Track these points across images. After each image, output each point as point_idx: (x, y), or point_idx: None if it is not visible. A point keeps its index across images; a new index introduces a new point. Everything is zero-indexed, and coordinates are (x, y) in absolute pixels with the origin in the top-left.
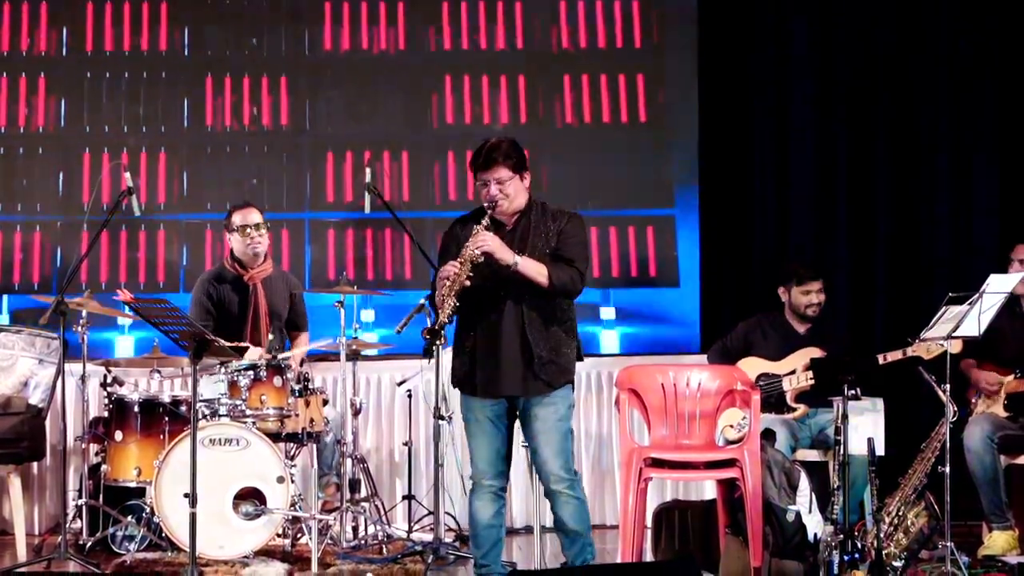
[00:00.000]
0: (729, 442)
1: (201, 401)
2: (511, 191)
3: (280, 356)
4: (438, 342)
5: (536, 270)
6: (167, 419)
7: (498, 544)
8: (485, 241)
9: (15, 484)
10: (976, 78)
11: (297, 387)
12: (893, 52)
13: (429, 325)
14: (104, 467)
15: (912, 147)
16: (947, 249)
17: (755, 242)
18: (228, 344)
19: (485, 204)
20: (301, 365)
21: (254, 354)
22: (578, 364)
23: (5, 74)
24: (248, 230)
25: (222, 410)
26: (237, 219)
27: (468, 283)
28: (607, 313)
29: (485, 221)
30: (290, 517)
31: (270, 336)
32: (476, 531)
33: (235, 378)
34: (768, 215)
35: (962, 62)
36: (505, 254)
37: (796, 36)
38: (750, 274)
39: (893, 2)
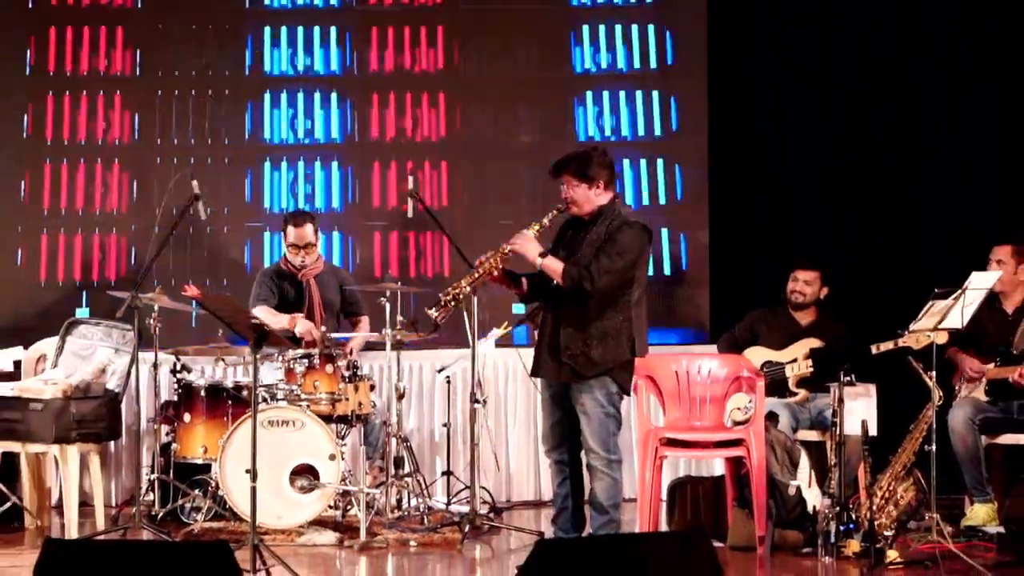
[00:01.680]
0: (736, 423)
1: (261, 386)
2: (575, 195)
3: (348, 335)
4: (437, 314)
5: (554, 269)
6: (230, 402)
7: (564, 510)
8: (515, 241)
9: (94, 461)
10: (976, 82)
11: (347, 374)
12: (893, 56)
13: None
14: (174, 446)
15: (912, 150)
16: (949, 252)
17: (755, 243)
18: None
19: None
20: (351, 353)
21: (303, 326)
22: None
23: (86, 92)
24: (299, 249)
25: (279, 394)
26: (291, 235)
27: (495, 273)
28: None
29: (546, 219)
30: (341, 491)
31: (323, 328)
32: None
33: (291, 365)
34: (768, 217)
35: (962, 66)
36: (530, 253)
37: (796, 40)
38: (751, 272)
39: (893, 6)
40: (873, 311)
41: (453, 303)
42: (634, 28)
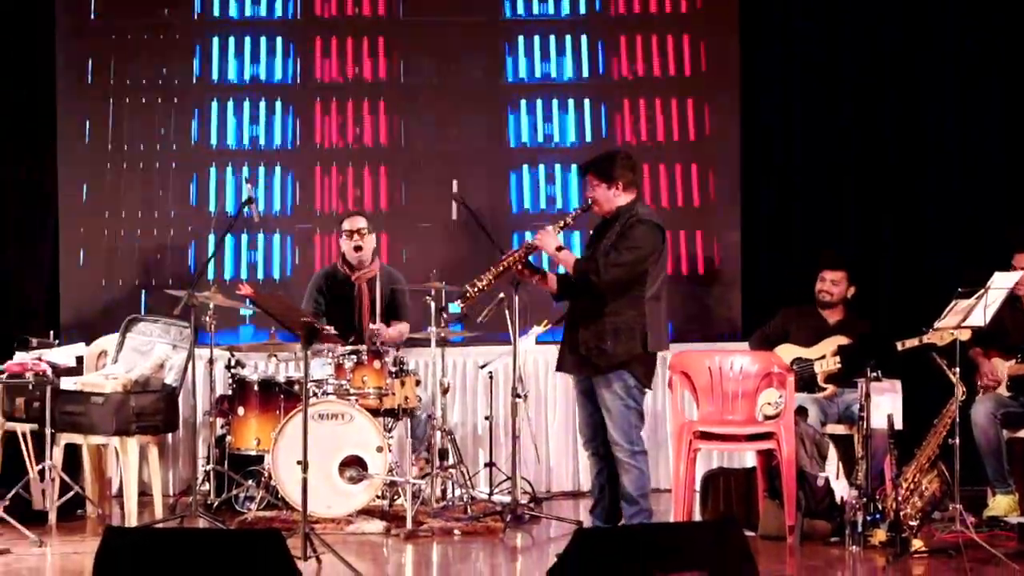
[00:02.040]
0: (767, 417)
1: (311, 381)
2: (596, 195)
3: (375, 327)
4: (462, 305)
5: (567, 261)
6: (282, 397)
7: (601, 500)
8: (538, 235)
9: (153, 452)
10: (982, 76)
11: (394, 369)
12: (899, 49)
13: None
14: (228, 438)
15: (918, 144)
16: (955, 246)
17: (760, 244)
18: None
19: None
20: (397, 349)
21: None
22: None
23: (144, 99)
24: (354, 234)
25: (329, 389)
26: (346, 224)
27: (519, 267)
28: None
29: (570, 217)
30: (388, 481)
31: (372, 326)
32: None
33: (340, 361)
34: (774, 211)
35: (968, 60)
36: (549, 246)
37: (802, 34)
38: (753, 270)
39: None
40: (878, 305)
41: (477, 292)
42: (669, 39)
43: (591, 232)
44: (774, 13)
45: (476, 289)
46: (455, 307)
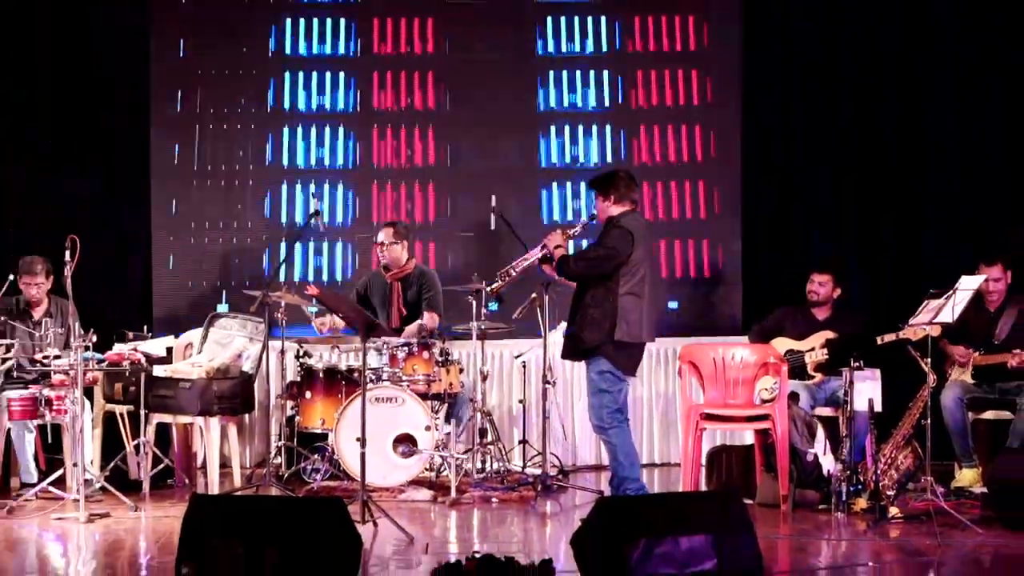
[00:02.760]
0: (764, 401)
1: (369, 369)
2: (597, 207)
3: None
4: (492, 288)
5: (556, 254)
6: (344, 382)
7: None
8: (548, 236)
9: (232, 430)
10: (982, 75)
11: (440, 359)
12: (900, 49)
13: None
14: (297, 418)
15: (919, 144)
16: (953, 245)
17: (760, 248)
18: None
19: None
20: (443, 341)
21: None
22: (650, 343)
23: (225, 126)
24: (380, 247)
25: (384, 376)
26: (378, 236)
27: (538, 260)
28: (671, 304)
29: (579, 225)
30: (435, 456)
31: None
32: None
33: (394, 352)
34: (774, 211)
35: (968, 60)
36: (551, 244)
37: (802, 34)
38: (752, 274)
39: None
40: (878, 302)
41: (507, 279)
42: (680, 73)
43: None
44: (774, 13)
45: (505, 278)
46: (493, 306)
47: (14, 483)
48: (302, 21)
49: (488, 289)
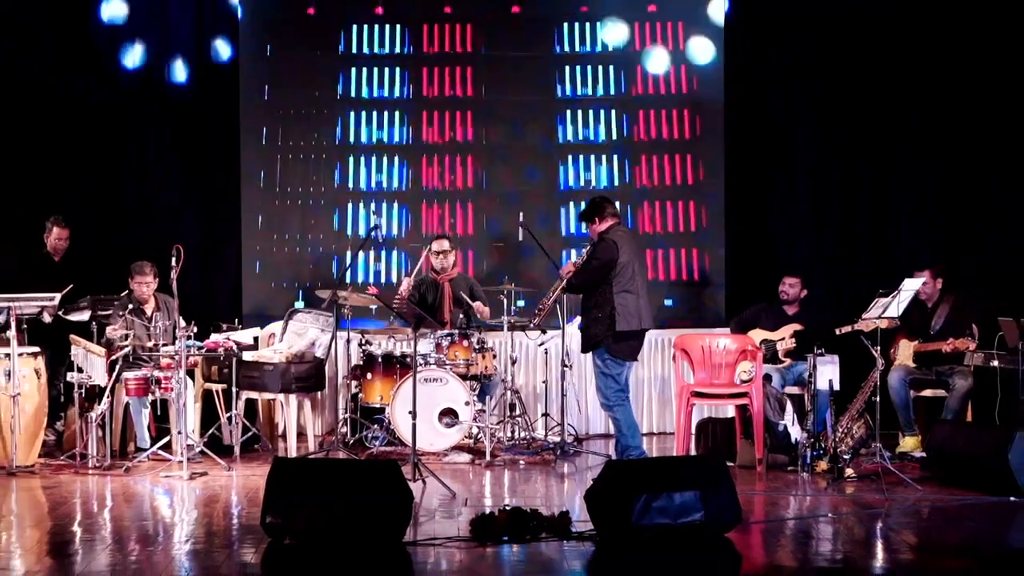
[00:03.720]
0: (743, 382)
1: (419, 355)
2: (591, 230)
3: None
4: (537, 319)
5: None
6: (398, 366)
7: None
8: (566, 267)
9: (307, 404)
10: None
11: (477, 347)
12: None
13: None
14: (360, 395)
15: (880, 178)
16: (899, 257)
17: (740, 255)
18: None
19: None
20: (480, 331)
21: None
22: (650, 333)
23: (300, 155)
24: (439, 255)
25: (431, 360)
26: (434, 246)
27: (563, 287)
28: (667, 302)
29: (584, 251)
30: (473, 426)
31: (460, 317)
32: None
33: (439, 341)
34: (752, 228)
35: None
36: (565, 272)
37: (778, 70)
38: (734, 276)
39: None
40: (839, 300)
41: (542, 311)
42: (675, 112)
43: None
44: (752, 51)
45: (541, 311)
46: (520, 302)
47: (131, 448)
48: (364, 70)
49: (532, 324)
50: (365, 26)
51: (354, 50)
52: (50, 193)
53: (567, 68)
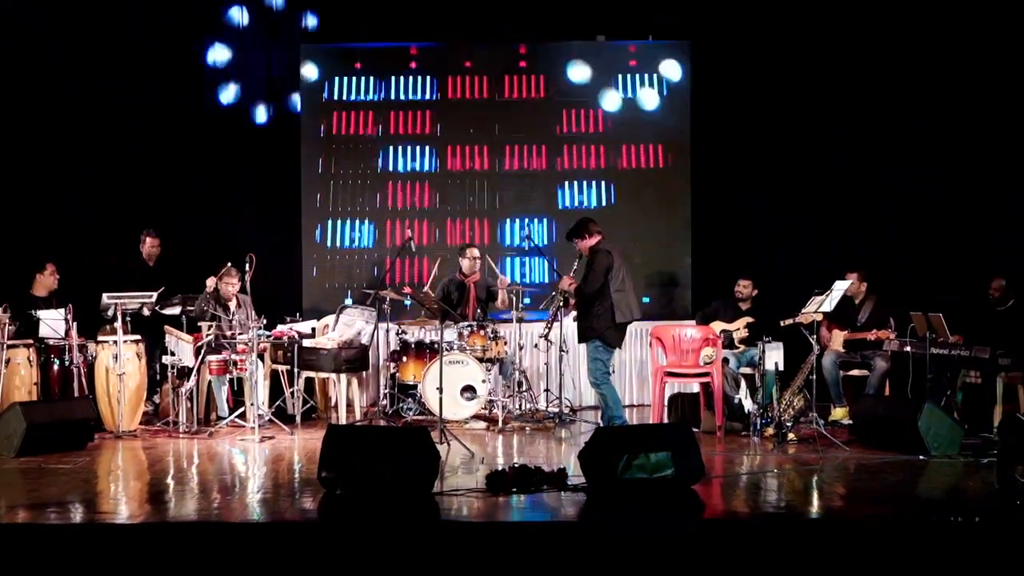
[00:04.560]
0: (706, 364)
1: (445, 342)
2: (580, 246)
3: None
4: (547, 329)
5: (570, 290)
6: (428, 351)
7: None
8: (564, 280)
9: (354, 382)
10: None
11: (491, 335)
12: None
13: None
14: (397, 374)
15: (823, 195)
16: (836, 262)
17: (703, 261)
18: (457, 315)
19: None
20: (493, 323)
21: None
22: (633, 324)
23: (351, 182)
24: (472, 260)
25: (455, 347)
26: (468, 253)
27: (569, 299)
28: (644, 299)
29: (576, 265)
30: (488, 399)
31: (478, 311)
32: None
33: (461, 331)
34: (712, 239)
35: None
36: (564, 284)
37: (745, 107)
38: (698, 279)
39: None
40: (784, 297)
41: (550, 326)
42: (651, 148)
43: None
44: (721, 82)
45: (550, 326)
46: (527, 299)
47: (213, 416)
48: (401, 113)
49: (542, 337)
50: (401, 77)
51: (392, 97)
52: (147, 207)
53: (563, 112)
